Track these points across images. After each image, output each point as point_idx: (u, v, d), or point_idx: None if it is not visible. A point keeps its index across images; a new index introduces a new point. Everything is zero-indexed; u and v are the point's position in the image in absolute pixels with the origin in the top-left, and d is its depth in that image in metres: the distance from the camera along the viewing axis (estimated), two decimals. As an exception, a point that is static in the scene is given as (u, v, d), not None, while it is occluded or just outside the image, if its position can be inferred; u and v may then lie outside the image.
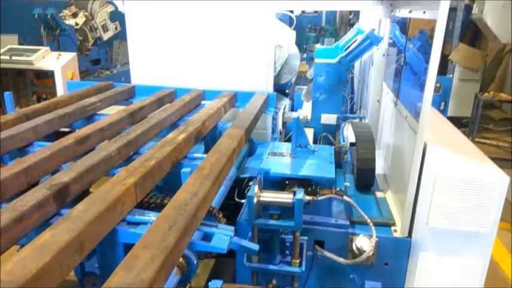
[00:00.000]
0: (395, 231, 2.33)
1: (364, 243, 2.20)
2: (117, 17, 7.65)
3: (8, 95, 2.64)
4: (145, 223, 1.43)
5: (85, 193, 1.60)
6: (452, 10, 6.74)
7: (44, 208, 1.37)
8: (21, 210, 1.26)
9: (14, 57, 5.96)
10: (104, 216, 1.27)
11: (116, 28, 7.76)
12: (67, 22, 6.99)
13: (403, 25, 2.81)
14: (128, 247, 1.20)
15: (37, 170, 1.65)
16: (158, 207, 1.62)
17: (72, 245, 1.12)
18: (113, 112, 2.50)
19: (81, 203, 1.31)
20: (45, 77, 6.33)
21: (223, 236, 1.48)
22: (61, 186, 1.44)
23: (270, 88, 3.25)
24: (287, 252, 2.16)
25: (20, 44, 8.03)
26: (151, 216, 1.44)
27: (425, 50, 2.22)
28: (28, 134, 2.04)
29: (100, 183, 1.57)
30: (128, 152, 1.92)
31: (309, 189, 2.21)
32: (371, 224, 2.21)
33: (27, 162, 1.62)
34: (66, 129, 2.43)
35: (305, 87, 4.47)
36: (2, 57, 5.95)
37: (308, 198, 2.09)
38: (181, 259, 1.44)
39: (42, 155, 1.69)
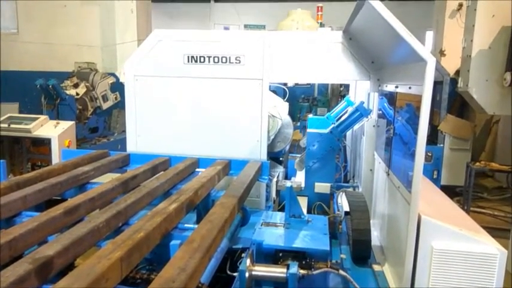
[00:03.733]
0: (394, 308, 2.22)
1: (362, 321, 2.08)
2: (118, 87, 7.94)
3: (1, 164, 2.63)
4: (129, 301, 1.35)
5: (70, 266, 1.53)
6: (439, 83, 7.07)
7: (25, 284, 1.30)
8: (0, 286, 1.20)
9: (12, 125, 6.05)
10: (86, 294, 1.21)
11: (115, 98, 8.00)
12: (68, 92, 7.22)
13: (391, 98, 2.92)
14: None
15: (22, 242, 1.60)
16: (144, 283, 1.55)
17: (49, 327, 1.05)
18: (106, 180, 2.49)
19: (64, 279, 1.25)
20: (42, 144, 6.38)
21: (211, 316, 1.39)
22: (45, 261, 1.39)
23: (264, 156, 3.29)
24: (281, 331, 2.03)
25: (20, 112, 8.23)
26: (136, 294, 1.38)
27: (413, 121, 2.29)
28: (17, 203, 2.01)
29: (88, 254, 1.52)
30: (116, 223, 1.88)
31: (304, 262, 2.14)
32: (369, 300, 2.11)
33: (12, 234, 1.57)
34: (59, 198, 2.40)
35: (299, 155, 4.53)
36: (1, 125, 6.04)
37: (302, 272, 2.02)
38: None
39: (28, 226, 1.65)
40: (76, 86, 7.45)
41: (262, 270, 1.98)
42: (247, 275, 1.90)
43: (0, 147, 6.32)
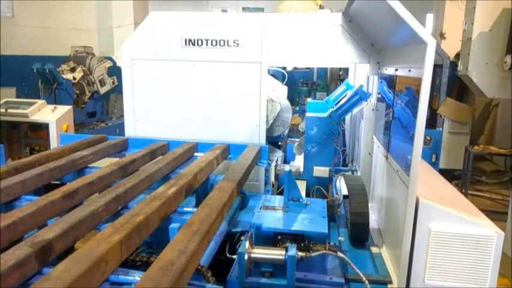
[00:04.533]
0: (391, 289, 2.25)
1: (360, 302, 2.11)
2: (115, 71, 7.87)
3: (0, 148, 2.63)
4: (129, 284, 1.36)
5: (70, 249, 1.54)
6: (438, 66, 7.01)
7: (25, 267, 1.31)
8: (0, 269, 1.21)
9: (9, 110, 6.02)
10: (86, 277, 1.22)
11: (113, 82, 7.94)
12: (65, 76, 7.15)
13: (391, 81, 2.90)
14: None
15: (21, 226, 1.60)
16: (144, 266, 1.57)
17: (50, 309, 1.06)
18: (105, 165, 2.49)
19: (63, 262, 1.26)
20: (39, 129, 6.37)
21: (211, 297, 1.41)
22: (44, 244, 1.39)
23: (262, 140, 3.29)
24: (280, 312, 2.05)
25: (17, 97, 8.17)
26: (135, 276, 1.38)
27: (412, 105, 2.28)
28: (16, 188, 2.01)
29: (88, 237, 1.52)
30: (116, 207, 1.88)
31: (302, 244, 2.15)
32: (366, 282, 2.13)
33: (11, 218, 1.58)
34: (57, 182, 2.40)
35: (298, 139, 4.52)
36: (-1, 110, 6.02)
37: (301, 254, 2.03)
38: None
39: (27, 210, 1.66)
40: (73, 70, 7.38)
41: (261, 252, 1.99)
42: (246, 257, 1.92)
43: (-2, 132, 6.30)
